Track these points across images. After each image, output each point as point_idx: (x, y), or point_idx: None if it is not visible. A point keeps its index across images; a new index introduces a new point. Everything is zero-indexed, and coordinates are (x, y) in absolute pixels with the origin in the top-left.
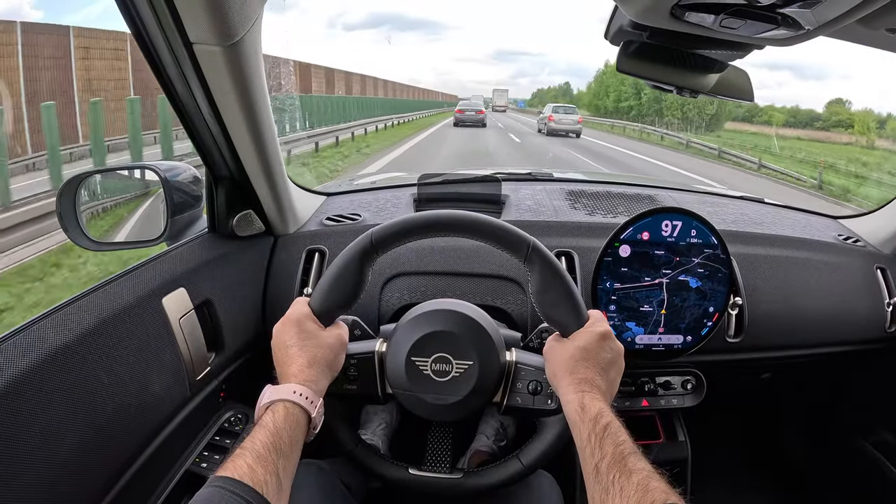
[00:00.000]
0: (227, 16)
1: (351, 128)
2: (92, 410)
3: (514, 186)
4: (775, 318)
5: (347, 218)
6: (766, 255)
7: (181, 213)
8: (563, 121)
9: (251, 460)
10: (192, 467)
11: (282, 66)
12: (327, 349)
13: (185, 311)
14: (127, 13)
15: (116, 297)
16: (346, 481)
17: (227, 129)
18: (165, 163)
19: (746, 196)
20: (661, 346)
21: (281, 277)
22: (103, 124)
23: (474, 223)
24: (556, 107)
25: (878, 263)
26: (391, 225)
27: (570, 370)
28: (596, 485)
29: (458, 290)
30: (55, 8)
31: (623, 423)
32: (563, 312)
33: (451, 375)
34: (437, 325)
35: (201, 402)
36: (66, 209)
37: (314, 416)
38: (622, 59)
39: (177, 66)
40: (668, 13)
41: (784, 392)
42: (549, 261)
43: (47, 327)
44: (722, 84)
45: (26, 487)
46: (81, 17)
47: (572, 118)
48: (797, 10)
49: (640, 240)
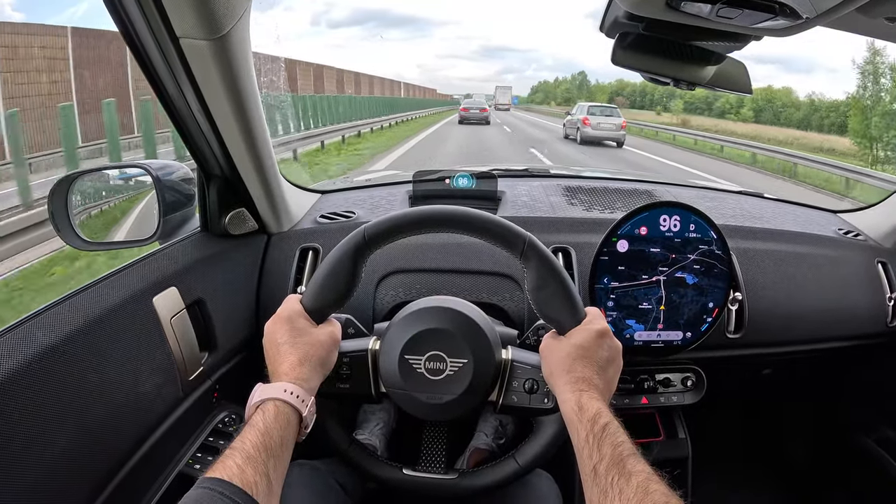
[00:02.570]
0: (213, 9)
1: (340, 130)
2: (82, 412)
3: (510, 183)
4: (776, 313)
5: (341, 215)
6: (767, 249)
7: (173, 212)
8: (602, 125)
9: (240, 461)
10: (185, 469)
11: (272, 62)
12: (319, 347)
13: (177, 310)
14: (113, 10)
15: (106, 296)
16: (342, 482)
17: (217, 125)
18: (157, 161)
19: (745, 191)
20: (660, 342)
21: (274, 276)
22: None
23: (469, 219)
24: (592, 107)
25: (879, 257)
26: (384, 221)
27: (567, 369)
28: (594, 487)
29: (454, 287)
30: (37, 10)
31: (622, 423)
32: (559, 310)
33: (445, 374)
34: (430, 323)
35: (194, 403)
36: (57, 209)
37: (305, 416)
38: (618, 51)
39: (165, 62)
40: (663, 4)
41: (785, 388)
42: (545, 257)
43: (36, 327)
44: (719, 76)
45: (16, 489)
46: (65, 18)
47: (614, 122)
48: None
49: (638, 235)
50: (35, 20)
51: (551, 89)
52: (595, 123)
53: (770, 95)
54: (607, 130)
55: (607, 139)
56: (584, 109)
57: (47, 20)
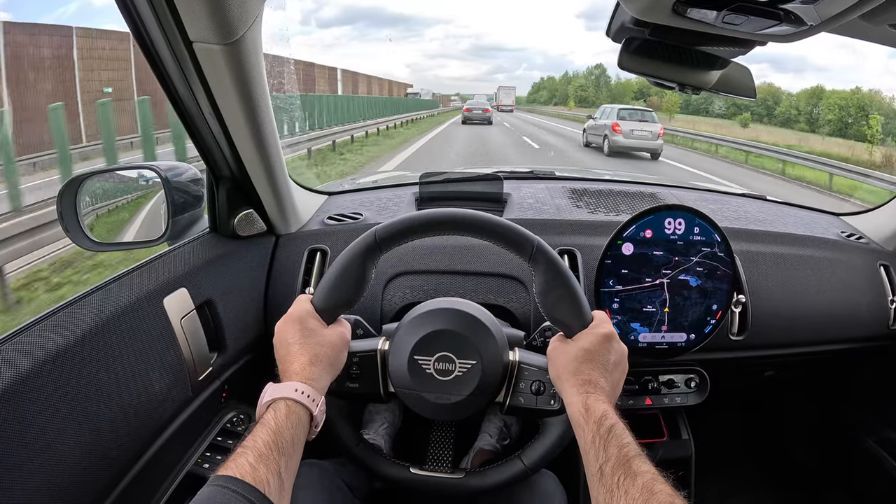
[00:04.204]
0: (226, 14)
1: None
2: (93, 412)
3: (515, 185)
4: (778, 315)
5: (349, 217)
6: (770, 252)
7: (182, 214)
8: (636, 133)
9: (252, 459)
10: (194, 468)
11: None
12: (329, 347)
13: (187, 311)
14: (126, 12)
15: (117, 297)
16: (349, 481)
17: (227, 128)
18: (166, 163)
19: (749, 193)
20: (664, 344)
21: (282, 277)
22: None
23: (480, 222)
24: (623, 110)
25: (882, 260)
26: (395, 223)
27: (573, 371)
28: (600, 487)
29: (461, 289)
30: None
31: (627, 425)
32: (567, 313)
33: (453, 375)
34: (440, 324)
35: (203, 403)
36: (66, 209)
37: (316, 415)
38: (624, 56)
39: (177, 65)
40: (669, 10)
41: (788, 390)
42: (553, 261)
43: (48, 329)
44: (724, 81)
45: (28, 488)
46: (54, 18)
47: (650, 129)
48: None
49: (643, 237)
50: (23, 19)
51: (559, 87)
52: (627, 130)
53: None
54: (642, 139)
55: (642, 149)
56: (612, 113)
57: (37, 19)
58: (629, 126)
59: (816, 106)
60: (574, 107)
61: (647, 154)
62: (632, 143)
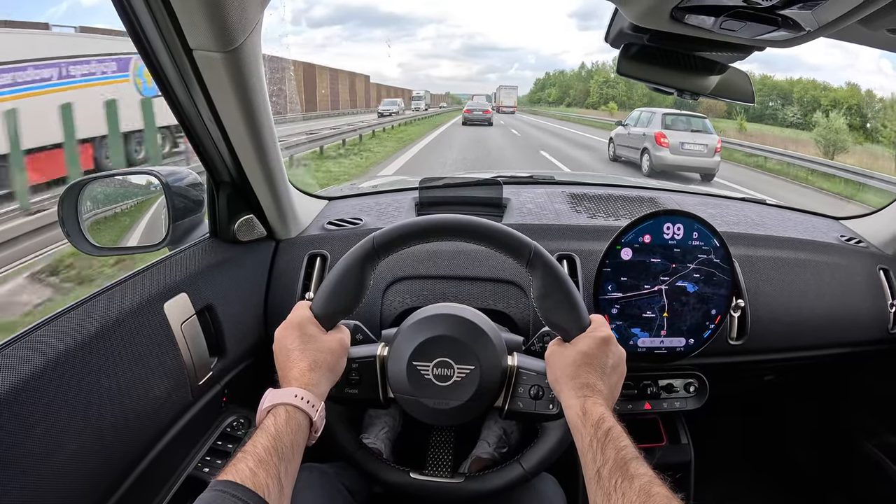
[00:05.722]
0: (226, 22)
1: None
2: (93, 416)
3: (515, 190)
4: (778, 319)
5: (349, 222)
6: (769, 256)
7: (182, 219)
8: (688, 147)
9: (252, 464)
10: (194, 472)
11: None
12: (329, 353)
13: (187, 316)
14: (126, 19)
15: (117, 302)
16: (349, 486)
17: (227, 134)
18: (166, 168)
19: (748, 197)
20: (663, 348)
21: (282, 282)
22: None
23: (477, 227)
24: (670, 115)
25: (881, 264)
26: (394, 229)
27: (571, 375)
28: (598, 490)
29: (460, 294)
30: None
31: (625, 428)
32: (564, 317)
33: (452, 380)
34: (438, 330)
35: (203, 407)
36: (67, 214)
37: (315, 420)
38: (623, 62)
39: (177, 71)
40: (668, 16)
41: (787, 394)
42: (551, 266)
43: (49, 333)
44: (722, 86)
45: (29, 492)
46: (45, 18)
47: (706, 142)
48: (797, 12)
49: (642, 243)
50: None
51: (572, 83)
52: (676, 144)
53: None
54: (695, 155)
55: (694, 169)
56: (654, 119)
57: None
58: (678, 138)
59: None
60: (616, 110)
61: (696, 175)
62: (682, 160)
